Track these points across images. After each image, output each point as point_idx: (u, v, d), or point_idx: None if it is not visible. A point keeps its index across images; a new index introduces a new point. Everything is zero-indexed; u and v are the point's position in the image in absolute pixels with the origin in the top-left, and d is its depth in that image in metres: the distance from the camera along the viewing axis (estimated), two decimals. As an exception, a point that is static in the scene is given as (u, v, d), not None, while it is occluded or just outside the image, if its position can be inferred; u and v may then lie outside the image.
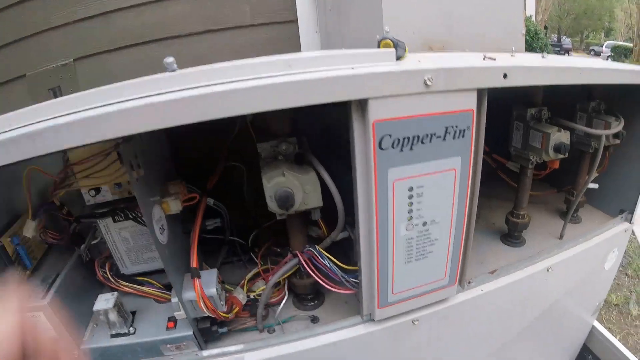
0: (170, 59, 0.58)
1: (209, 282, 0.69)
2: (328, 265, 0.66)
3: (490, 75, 0.57)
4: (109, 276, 0.84)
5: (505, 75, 0.58)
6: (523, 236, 1.03)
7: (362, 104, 0.51)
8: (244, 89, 0.50)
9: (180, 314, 0.70)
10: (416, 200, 0.60)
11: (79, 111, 0.54)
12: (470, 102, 0.57)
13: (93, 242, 0.86)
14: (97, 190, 0.82)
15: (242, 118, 0.59)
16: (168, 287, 0.88)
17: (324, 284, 0.68)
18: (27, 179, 0.80)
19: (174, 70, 0.57)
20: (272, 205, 0.59)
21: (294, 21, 1.68)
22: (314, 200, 0.61)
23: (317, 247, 0.69)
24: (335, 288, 0.69)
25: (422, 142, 0.55)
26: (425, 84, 0.52)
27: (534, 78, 0.61)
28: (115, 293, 0.77)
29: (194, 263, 0.67)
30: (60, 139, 0.50)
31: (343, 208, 0.61)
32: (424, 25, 1.10)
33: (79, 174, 0.75)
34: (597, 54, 17.23)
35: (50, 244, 0.90)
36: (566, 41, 17.59)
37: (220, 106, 0.51)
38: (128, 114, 0.49)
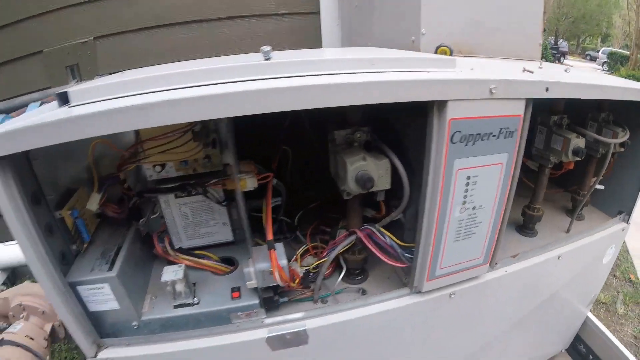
0: (267, 48, 0.71)
1: (280, 254, 0.84)
2: (389, 242, 0.83)
3: (536, 88, 0.75)
4: (169, 250, 0.97)
5: (547, 89, 0.77)
6: (536, 228, 1.24)
7: (442, 104, 0.67)
8: (344, 84, 0.62)
9: (251, 283, 0.84)
10: (470, 188, 0.77)
11: (192, 87, 0.63)
12: (519, 109, 0.75)
13: (152, 217, 0.98)
14: (163, 166, 0.94)
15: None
16: (224, 261, 1.01)
17: (383, 258, 0.85)
18: (93, 152, 0.90)
19: (269, 59, 0.70)
20: (352, 186, 0.75)
21: (317, 13, 1.83)
22: (384, 183, 0.78)
23: (376, 225, 0.85)
24: (391, 261, 0.86)
25: (482, 139, 0.73)
26: (491, 92, 0.69)
27: (568, 92, 0.80)
28: (182, 265, 0.89)
29: (269, 236, 0.81)
30: (175, 114, 0.59)
31: (409, 192, 0.78)
32: (456, 30, 1.29)
33: (152, 149, 0.86)
34: (593, 59, 18.44)
35: (107, 218, 1.00)
36: (563, 44, 18.70)
37: (321, 98, 0.63)
38: (246, 96, 0.60)
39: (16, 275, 1.88)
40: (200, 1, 1.68)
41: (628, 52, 13.60)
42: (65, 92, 0.67)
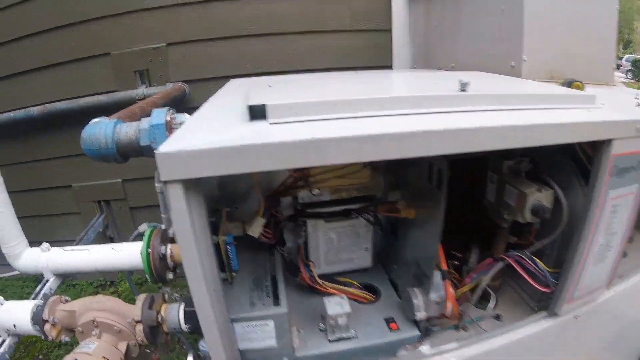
0: (466, 80, 0.91)
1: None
2: (539, 268, 1.06)
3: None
4: (316, 277, 1.10)
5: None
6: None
7: (608, 142, 0.92)
8: (550, 125, 0.84)
9: (421, 315, 0.98)
10: (614, 216, 1.04)
11: (401, 114, 0.79)
12: (650, 143, 1.03)
13: (299, 241, 1.17)
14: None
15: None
16: (365, 288, 1.17)
17: (533, 283, 1.07)
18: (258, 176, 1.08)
19: (464, 90, 0.91)
20: (527, 215, 0.99)
21: (389, 30, 2.11)
22: (546, 212, 1.03)
23: (526, 252, 1.09)
24: (540, 287, 1.08)
25: (628, 172, 1.00)
26: (637, 130, 0.96)
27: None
28: (345, 297, 0.99)
29: (444, 265, 1.02)
30: (426, 146, 0.74)
31: (567, 221, 1.03)
32: (550, 58, 1.62)
33: (326, 174, 1.05)
34: (617, 67, 20.14)
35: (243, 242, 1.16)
36: (586, 51, 20.41)
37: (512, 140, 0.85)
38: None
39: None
40: (278, 14, 1.90)
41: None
42: (263, 106, 0.73)
